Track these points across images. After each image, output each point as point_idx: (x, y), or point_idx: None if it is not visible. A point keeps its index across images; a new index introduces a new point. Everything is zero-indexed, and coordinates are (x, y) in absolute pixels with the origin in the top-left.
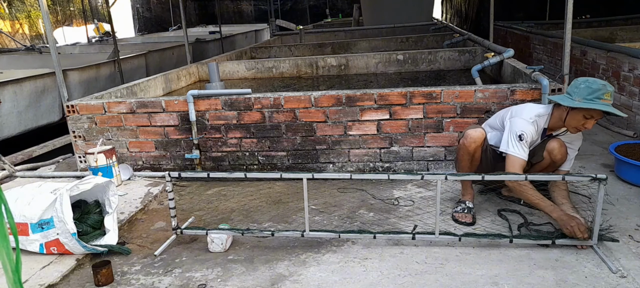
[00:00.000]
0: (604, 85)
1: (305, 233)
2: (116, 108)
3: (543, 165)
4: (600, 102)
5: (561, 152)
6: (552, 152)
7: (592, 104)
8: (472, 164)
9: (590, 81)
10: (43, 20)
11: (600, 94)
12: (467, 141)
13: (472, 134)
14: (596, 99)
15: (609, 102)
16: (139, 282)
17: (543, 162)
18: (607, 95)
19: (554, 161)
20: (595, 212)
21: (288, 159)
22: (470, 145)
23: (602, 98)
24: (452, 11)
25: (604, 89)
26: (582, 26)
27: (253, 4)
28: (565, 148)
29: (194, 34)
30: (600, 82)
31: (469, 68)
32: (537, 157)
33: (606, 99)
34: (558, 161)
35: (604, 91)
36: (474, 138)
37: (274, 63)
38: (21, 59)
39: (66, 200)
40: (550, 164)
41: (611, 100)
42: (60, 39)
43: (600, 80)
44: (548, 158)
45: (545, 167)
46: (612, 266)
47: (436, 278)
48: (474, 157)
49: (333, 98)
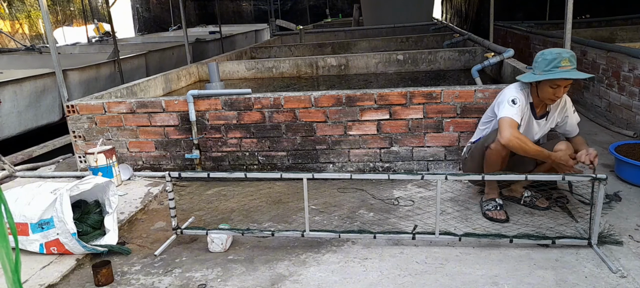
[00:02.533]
0: (559, 54)
1: (305, 233)
2: (116, 108)
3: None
4: (559, 70)
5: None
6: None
7: (550, 74)
8: (501, 165)
9: (545, 53)
10: (43, 20)
11: (556, 63)
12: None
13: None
14: (554, 68)
15: (568, 68)
16: (139, 282)
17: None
18: (564, 62)
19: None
20: (596, 212)
21: (288, 159)
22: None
23: (560, 66)
24: (452, 11)
25: (559, 57)
26: (582, 26)
27: (253, 4)
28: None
29: (194, 34)
30: (555, 51)
31: (469, 68)
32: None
33: (564, 66)
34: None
35: (559, 59)
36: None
37: (274, 63)
38: (21, 59)
39: (66, 200)
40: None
41: (572, 64)
42: (60, 39)
43: (556, 50)
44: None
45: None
46: (612, 266)
47: (436, 278)
48: (502, 162)
49: (333, 98)
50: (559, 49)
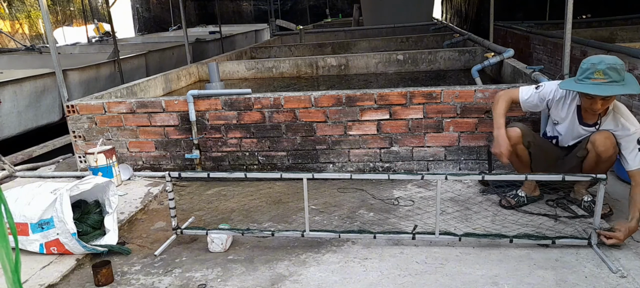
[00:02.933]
0: (594, 64)
1: (305, 233)
2: (116, 108)
3: (590, 160)
4: (590, 82)
5: (605, 144)
6: (594, 143)
7: (579, 85)
8: (521, 161)
9: (587, 59)
10: (43, 20)
11: (589, 74)
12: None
13: (509, 133)
14: (585, 79)
15: (601, 80)
16: (139, 282)
17: (589, 156)
18: (597, 74)
19: (597, 153)
20: (595, 212)
21: (288, 159)
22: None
23: (592, 77)
24: (452, 11)
25: (593, 67)
26: (582, 26)
27: (253, 4)
28: (612, 140)
29: (194, 34)
30: (594, 60)
31: (469, 68)
32: (581, 150)
33: (597, 78)
34: (602, 153)
35: (593, 70)
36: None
37: (274, 63)
38: (21, 59)
39: (66, 200)
40: (596, 158)
41: (608, 77)
42: (60, 39)
43: (598, 58)
44: (592, 151)
45: (593, 162)
46: (612, 266)
47: (436, 278)
48: (519, 155)
49: (333, 98)
50: (603, 57)
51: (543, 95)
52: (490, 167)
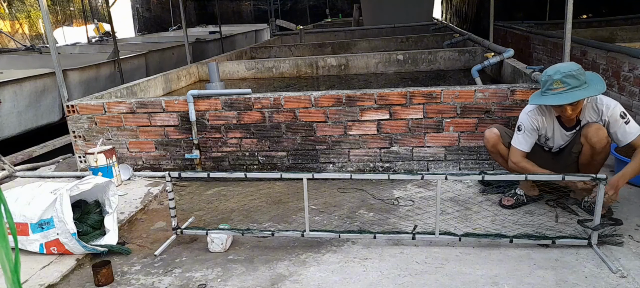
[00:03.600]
0: (551, 76)
1: (305, 233)
2: (116, 108)
3: (585, 153)
4: (551, 93)
5: (598, 135)
6: (586, 136)
7: (542, 98)
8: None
9: (544, 72)
10: (43, 20)
11: (548, 85)
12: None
13: (486, 135)
14: (547, 91)
15: (560, 90)
16: (139, 282)
17: (583, 149)
18: (556, 84)
19: (591, 145)
20: (595, 212)
21: (288, 159)
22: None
23: (552, 88)
24: (452, 11)
25: (549, 80)
26: (582, 26)
27: (253, 4)
28: (603, 131)
29: (194, 34)
30: (550, 71)
31: (469, 68)
32: (576, 146)
33: (556, 88)
34: (596, 144)
35: (551, 81)
36: (487, 138)
37: (274, 63)
38: (21, 59)
39: (66, 200)
40: (591, 150)
41: (565, 85)
42: (60, 39)
43: (552, 68)
44: (586, 144)
45: (588, 155)
46: (612, 266)
47: (436, 278)
48: (502, 155)
49: (333, 98)
50: (558, 66)
51: (529, 128)
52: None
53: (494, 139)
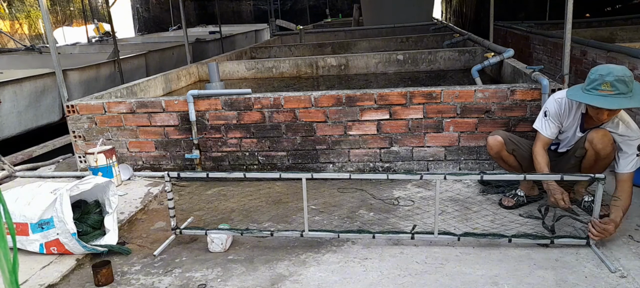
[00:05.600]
0: (602, 76)
1: (305, 233)
2: (116, 108)
3: (589, 158)
4: (597, 93)
5: (603, 141)
6: (592, 142)
7: (586, 96)
8: (509, 166)
9: (594, 69)
10: (43, 20)
11: (596, 85)
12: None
13: (489, 141)
14: (593, 90)
15: (608, 93)
16: (139, 282)
17: (587, 154)
18: (605, 86)
19: (596, 151)
20: (594, 212)
21: (288, 159)
22: (490, 152)
23: (599, 88)
24: (452, 11)
25: (600, 79)
26: (582, 26)
27: (253, 4)
28: (609, 137)
29: (194, 34)
30: (603, 70)
31: (469, 68)
32: (579, 150)
33: (604, 90)
34: (600, 151)
35: (600, 81)
36: (490, 145)
37: (274, 63)
38: (21, 59)
39: (66, 200)
40: (595, 156)
41: (615, 89)
42: (60, 39)
43: (607, 68)
44: (591, 150)
45: (592, 160)
46: (611, 266)
47: (436, 278)
48: (505, 160)
49: (333, 98)
50: (611, 68)
51: (555, 115)
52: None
53: (498, 147)
